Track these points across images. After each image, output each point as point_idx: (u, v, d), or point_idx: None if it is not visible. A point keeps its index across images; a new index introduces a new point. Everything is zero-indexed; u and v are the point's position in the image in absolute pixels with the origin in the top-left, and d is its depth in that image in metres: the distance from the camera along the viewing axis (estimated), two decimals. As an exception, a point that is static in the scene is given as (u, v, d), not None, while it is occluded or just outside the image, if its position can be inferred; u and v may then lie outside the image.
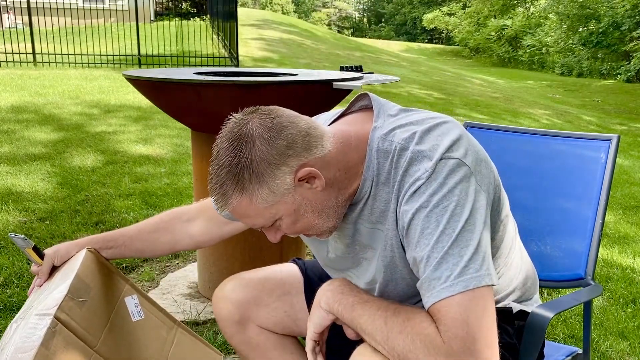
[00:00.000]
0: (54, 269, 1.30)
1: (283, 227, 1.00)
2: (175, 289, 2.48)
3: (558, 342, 1.68)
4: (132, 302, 1.29)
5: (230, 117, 0.98)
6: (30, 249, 1.27)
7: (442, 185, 0.91)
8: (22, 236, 1.26)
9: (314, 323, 1.04)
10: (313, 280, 1.34)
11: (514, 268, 1.17)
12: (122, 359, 1.18)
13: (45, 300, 1.14)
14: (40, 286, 1.28)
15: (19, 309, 2.22)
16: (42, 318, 1.09)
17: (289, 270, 1.37)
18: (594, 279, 1.41)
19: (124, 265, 2.70)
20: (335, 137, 0.99)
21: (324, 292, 1.04)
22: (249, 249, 2.20)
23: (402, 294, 1.07)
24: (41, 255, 1.28)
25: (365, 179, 1.00)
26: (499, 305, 1.16)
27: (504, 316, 1.14)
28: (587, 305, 1.40)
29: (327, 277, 1.32)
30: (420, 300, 1.05)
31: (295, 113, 0.99)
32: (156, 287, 2.52)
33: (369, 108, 1.07)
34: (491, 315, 0.88)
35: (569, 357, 1.36)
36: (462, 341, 0.85)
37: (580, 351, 1.40)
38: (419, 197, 0.92)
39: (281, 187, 0.93)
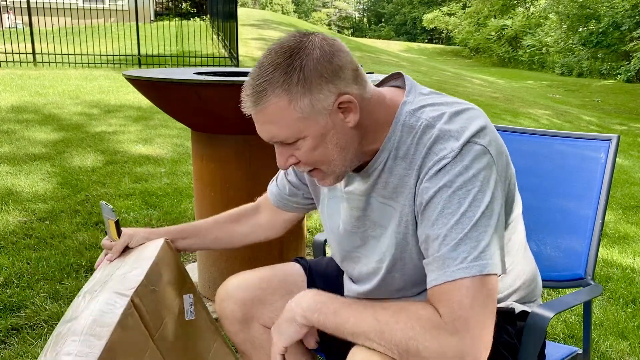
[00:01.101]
0: (125, 249, 1.33)
1: (301, 150, 0.97)
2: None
3: (558, 342, 1.68)
4: (188, 301, 1.31)
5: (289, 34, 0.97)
6: (112, 222, 1.29)
7: (467, 168, 0.92)
8: (112, 207, 1.29)
9: (286, 337, 1.03)
10: (316, 278, 1.34)
11: (519, 268, 1.17)
12: (171, 354, 1.20)
13: (123, 280, 1.16)
14: (110, 262, 1.30)
15: (19, 309, 2.22)
16: (120, 297, 1.11)
17: (292, 269, 1.37)
18: (593, 279, 1.41)
19: (124, 265, 2.70)
20: (374, 90, 1.00)
21: (298, 305, 1.02)
22: (249, 249, 2.19)
23: (407, 277, 1.07)
24: (119, 232, 1.30)
25: (383, 150, 1.01)
26: (501, 304, 1.16)
27: (506, 316, 1.14)
28: (587, 305, 1.40)
29: (331, 274, 1.33)
30: (422, 292, 1.05)
31: None
32: (156, 287, 2.52)
33: (399, 88, 1.08)
34: (494, 303, 0.90)
35: (569, 357, 1.36)
36: (466, 322, 0.86)
37: (580, 351, 1.40)
38: (443, 175, 0.93)
39: (321, 103, 0.92)
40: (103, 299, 1.12)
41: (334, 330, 0.97)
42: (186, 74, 2.13)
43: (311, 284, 1.33)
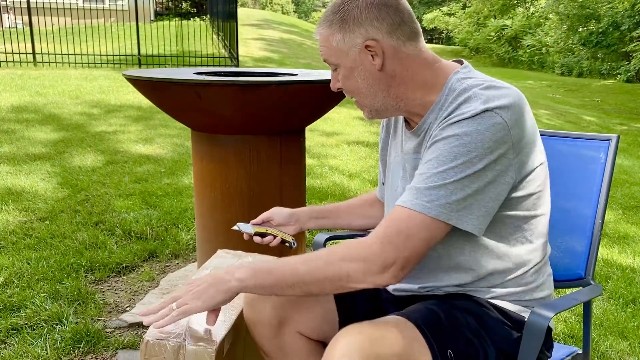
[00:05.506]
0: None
1: (339, 76, 1.17)
2: (175, 289, 2.48)
3: (558, 342, 1.68)
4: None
5: None
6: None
7: (479, 132, 1.00)
8: (250, 226, 1.41)
9: (209, 303, 1.07)
10: None
11: (541, 263, 1.19)
12: None
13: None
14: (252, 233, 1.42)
15: (19, 309, 2.22)
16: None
17: None
18: (593, 279, 1.41)
19: (124, 265, 2.70)
20: (428, 54, 1.14)
21: (230, 275, 1.08)
22: (250, 251, 2.19)
23: None
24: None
25: (432, 111, 1.13)
26: (511, 309, 1.16)
27: (514, 322, 1.15)
28: (587, 305, 1.40)
29: None
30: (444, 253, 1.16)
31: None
32: (156, 287, 2.52)
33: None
34: (428, 246, 1.03)
35: (569, 357, 1.36)
36: (395, 248, 1.01)
37: (580, 351, 1.40)
38: (456, 128, 1.02)
39: (351, 41, 1.11)
40: None
41: (273, 286, 1.07)
42: (186, 74, 2.13)
43: None
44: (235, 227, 1.42)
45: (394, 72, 1.12)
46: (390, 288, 1.28)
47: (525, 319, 1.15)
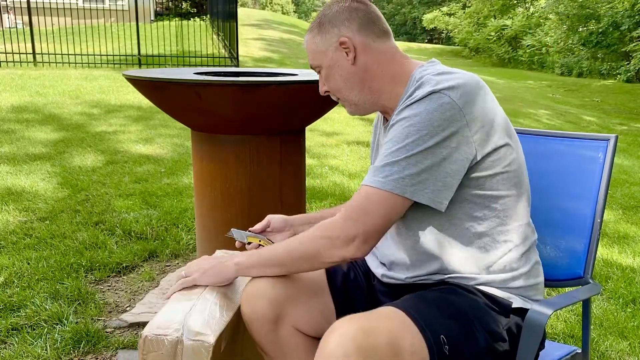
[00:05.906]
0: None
1: (323, 78, 1.29)
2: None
3: (558, 342, 1.69)
4: None
5: None
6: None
7: (428, 112, 1.08)
8: (245, 233, 1.46)
9: (206, 278, 1.25)
10: (334, 275, 1.35)
11: (522, 251, 1.21)
12: None
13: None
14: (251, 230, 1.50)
15: (19, 309, 2.22)
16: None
17: None
18: (592, 278, 1.42)
19: (124, 265, 2.70)
20: (397, 51, 1.26)
21: (229, 260, 1.25)
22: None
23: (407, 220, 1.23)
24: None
25: (400, 102, 1.18)
26: (499, 295, 1.18)
27: (502, 308, 1.16)
28: (586, 304, 1.41)
29: (340, 269, 1.36)
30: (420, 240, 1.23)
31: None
32: (156, 287, 2.52)
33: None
34: (390, 221, 1.12)
35: (568, 357, 1.37)
36: (355, 223, 1.10)
37: (579, 350, 1.40)
38: (407, 111, 1.11)
39: (328, 41, 1.25)
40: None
41: (262, 267, 1.22)
42: (186, 74, 2.14)
43: (330, 280, 1.34)
44: (229, 234, 1.45)
45: (365, 66, 1.23)
46: (379, 274, 1.31)
47: (513, 305, 1.17)
